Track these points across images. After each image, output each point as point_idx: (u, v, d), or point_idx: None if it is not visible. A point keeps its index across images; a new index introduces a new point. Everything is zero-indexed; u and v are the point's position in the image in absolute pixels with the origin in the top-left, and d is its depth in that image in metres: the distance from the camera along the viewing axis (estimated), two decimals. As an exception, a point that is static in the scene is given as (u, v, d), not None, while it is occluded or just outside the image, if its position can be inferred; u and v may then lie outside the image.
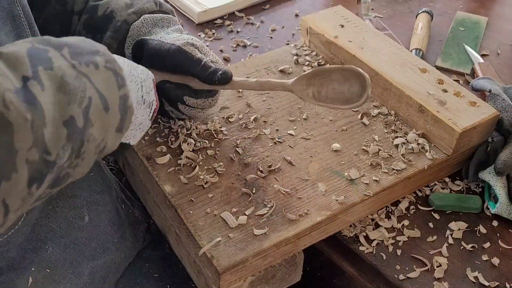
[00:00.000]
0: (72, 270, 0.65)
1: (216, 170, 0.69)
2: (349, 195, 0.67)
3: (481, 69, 0.94)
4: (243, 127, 0.76)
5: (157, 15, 0.72)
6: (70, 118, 0.44)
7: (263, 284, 0.65)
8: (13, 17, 0.55)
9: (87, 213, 0.67)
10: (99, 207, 0.69)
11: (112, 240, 0.70)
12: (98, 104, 0.47)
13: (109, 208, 0.71)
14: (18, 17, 0.56)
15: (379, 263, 0.66)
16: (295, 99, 0.81)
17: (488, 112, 0.73)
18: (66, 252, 0.65)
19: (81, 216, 0.66)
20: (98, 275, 0.69)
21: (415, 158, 0.72)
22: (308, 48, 0.92)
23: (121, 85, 0.50)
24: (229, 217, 0.63)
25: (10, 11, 0.55)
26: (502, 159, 0.70)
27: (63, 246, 0.64)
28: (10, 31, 0.55)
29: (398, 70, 0.80)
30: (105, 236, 0.69)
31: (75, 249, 0.66)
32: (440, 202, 0.72)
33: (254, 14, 1.12)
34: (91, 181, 0.68)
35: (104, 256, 0.69)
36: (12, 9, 0.55)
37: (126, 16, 0.70)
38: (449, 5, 1.17)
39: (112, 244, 0.70)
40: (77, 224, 0.66)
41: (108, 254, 0.70)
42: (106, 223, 0.70)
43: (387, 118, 0.78)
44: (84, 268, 0.66)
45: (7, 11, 0.55)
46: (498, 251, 0.68)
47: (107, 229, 0.70)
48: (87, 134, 0.47)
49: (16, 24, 0.56)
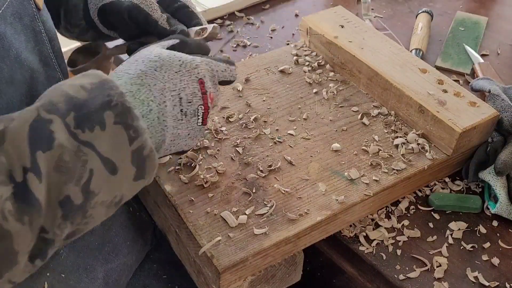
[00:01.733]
0: (86, 274, 0.65)
1: (216, 170, 0.69)
2: (349, 195, 0.67)
3: (481, 69, 0.94)
4: (243, 127, 0.76)
5: None
6: (65, 197, 0.44)
7: (263, 283, 0.65)
8: (35, 34, 0.56)
9: None
10: None
11: (124, 243, 0.71)
12: (102, 172, 0.46)
13: (120, 211, 0.71)
14: (40, 33, 0.57)
15: (379, 263, 0.66)
16: (295, 99, 0.81)
17: (488, 112, 0.73)
18: (80, 257, 0.65)
19: None
20: (112, 278, 0.69)
21: (415, 158, 0.72)
22: (308, 48, 0.92)
23: (134, 137, 0.48)
24: (229, 217, 0.63)
25: (33, 29, 0.56)
26: (502, 159, 0.70)
27: (76, 251, 0.65)
28: (33, 47, 0.56)
29: (398, 70, 0.80)
30: (118, 239, 0.70)
31: (88, 253, 0.66)
32: (440, 202, 0.72)
33: (254, 14, 1.12)
34: None
35: (117, 260, 0.69)
36: (34, 26, 0.56)
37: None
38: (449, 5, 1.17)
39: (125, 247, 0.71)
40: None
41: (121, 257, 0.70)
42: (118, 227, 0.70)
43: (387, 118, 0.78)
44: (98, 272, 0.67)
45: (30, 29, 0.55)
46: (498, 251, 0.68)
47: (119, 232, 0.70)
48: (88, 206, 0.46)
49: (37, 40, 0.56)
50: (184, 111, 0.55)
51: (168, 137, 0.54)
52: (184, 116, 0.55)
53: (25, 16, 0.55)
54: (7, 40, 0.51)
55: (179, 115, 0.55)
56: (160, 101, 0.52)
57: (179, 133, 0.55)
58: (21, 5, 0.55)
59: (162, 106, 0.52)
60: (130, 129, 0.47)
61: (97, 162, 0.45)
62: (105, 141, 0.46)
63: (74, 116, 0.45)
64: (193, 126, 0.56)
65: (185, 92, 0.54)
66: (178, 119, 0.54)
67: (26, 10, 0.55)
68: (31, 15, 0.56)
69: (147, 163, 0.50)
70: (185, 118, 0.55)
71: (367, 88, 0.82)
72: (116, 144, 0.47)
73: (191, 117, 0.56)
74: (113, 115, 0.46)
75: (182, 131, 0.56)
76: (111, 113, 0.46)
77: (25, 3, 0.55)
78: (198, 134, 0.58)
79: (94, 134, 0.45)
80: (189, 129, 0.56)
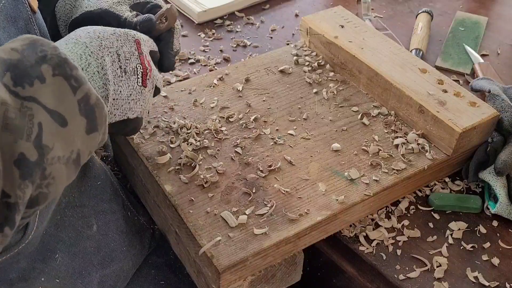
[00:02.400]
0: (81, 279, 0.65)
1: (216, 170, 0.69)
2: (349, 195, 0.67)
3: (481, 69, 0.94)
4: (243, 127, 0.76)
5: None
6: (20, 155, 0.42)
7: (263, 283, 0.65)
8: None
9: (95, 222, 0.67)
10: (107, 215, 0.69)
11: (120, 248, 0.70)
12: (51, 125, 0.45)
13: (117, 216, 0.70)
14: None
15: (379, 263, 0.66)
16: (295, 99, 0.81)
17: (488, 112, 0.73)
18: (75, 262, 0.64)
19: (90, 225, 0.66)
20: (108, 284, 0.68)
21: (415, 158, 0.72)
22: (308, 48, 0.92)
23: (77, 87, 0.47)
24: (229, 217, 0.63)
25: (28, 32, 0.55)
26: (502, 159, 0.70)
27: (72, 256, 0.64)
28: None
29: (398, 70, 0.80)
30: (114, 244, 0.69)
31: (84, 258, 0.65)
32: (440, 202, 0.72)
33: (254, 14, 1.12)
34: (98, 190, 0.68)
35: (113, 265, 0.69)
36: (29, 29, 0.56)
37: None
38: (449, 5, 1.17)
39: (121, 252, 0.70)
40: (86, 233, 0.65)
41: (116, 263, 0.69)
42: (114, 232, 0.69)
43: (387, 118, 0.78)
44: (93, 277, 0.66)
45: (25, 32, 0.55)
46: (498, 251, 0.68)
47: (115, 237, 0.69)
48: (46, 161, 0.45)
49: None
50: (123, 68, 0.55)
51: (111, 94, 0.54)
52: (124, 74, 0.55)
53: (19, 19, 0.54)
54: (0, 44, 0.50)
55: (119, 71, 0.55)
56: (98, 56, 0.52)
57: (121, 91, 0.55)
58: (15, 9, 0.54)
59: (100, 60, 0.53)
60: (70, 79, 0.47)
61: (44, 115, 0.44)
62: (47, 94, 0.45)
63: (11, 75, 0.44)
64: (133, 85, 0.57)
65: (123, 50, 0.55)
66: (118, 75, 0.55)
67: (20, 13, 0.55)
68: (25, 18, 0.55)
69: (96, 112, 0.49)
70: (125, 76, 0.55)
71: (367, 88, 0.82)
72: (59, 95, 0.46)
73: (130, 75, 0.56)
74: (50, 68, 0.46)
75: (123, 90, 0.56)
76: (47, 66, 0.45)
77: (20, 7, 0.55)
78: (140, 97, 0.58)
79: (34, 88, 0.44)
80: (130, 89, 0.56)
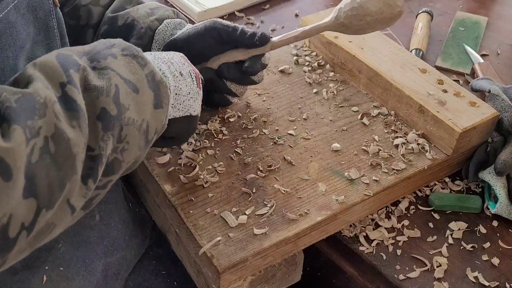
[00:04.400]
0: (85, 267, 0.66)
1: (216, 170, 0.69)
2: (349, 195, 0.67)
3: (481, 69, 0.94)
4: (243, 127, 0.76)
5: (176, 20, 0.76)
6: (102, 110, 0.48)
7: (263, 283, 0.65)
8: (47, 28, 0.58)
9: (98, 212, 0.68)
10: (109, 205, 0.70)
11: (123, 237, 0.71)
12: (126, 89, 0.51)
13: (119, 206, 0.72)
14: (52, 28, 0.58)
15: (379, 263, 0.66)
16: (295, 99, 0.81)
17: (488, 112, 0.73)
18: (78, 251, 0.66)
19: (92, 215, 0.67)
20: (111, 271, 0.70)
21: (415, 158, 0.72)
22: (308, 48, 0.92)
23: (143, 64, 0.54)
24: (229, 217, 0.63)
25: (46, 23, 0.58)
26: (502, 159, 0.70)
27: (75, 245, 0.65)
28: (42, 40, 0.58)
29: (398, 70, 0.80)
30: (116, 233, 0.70)
31: (87, 247, 0.67)
32: (440, 202, 0.72)
33: (254, 14, 1.12)
34: None
35: (116, 253, 0.70)
36: (48, 21, 0.58)
37: (150, 23, 0.74)
38: (449, 5, 1.17)
39: (123, 241, 0.71)
40: (89, 223, 0.67)
41: (119, 251, 0.71)
42: (117, 221, 0.71)
43: (387, 118, 0.78)
44: (97, 266, 0.67)
45: (44, 22, 0.57)
46: (498, 251, 0.68)
47: (117, 227, 0.71)
48: (123, 119, 0.50)
49: (49, 35, 0.58)
50: (178, 70, 0.61)
51: (172, 89, 0.59)
52: (181, 75, 0.61)
53: (40, 10, 0.57)
54: (16, 29, 0.53)
55: (176, 73, 0.60)
56: (154, 63, 0.58)
57: (181, 88, 0.60)
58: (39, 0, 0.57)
59: (157, 63, 0.59)
60: (137, 58, 0.54)
61: (119, 80, 0.50)
62: (120, 67, 0.52)
63: (88, 57, 0.51)
64: (191, 85, 0.62)
65: (175, 60, 0.61)
66: (175, 76, 0.60)
67: (42, 4, 0.57)
68: (47, 10, 0.57)
69: (161, 89, 0.55)
70: (182, 77, 0.61)
71: (367, 88, 0.82)
72: (130, 69, 0.53)
73: (186, 77, 0.62)
74: (119, 49, 0.53)
75: (183, 87, 0.61)
76: (117, 49, 0.53)
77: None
78: (198, 97, 0.63)
79: (108, 61, 0.51)
80: (188, 87, 0.61)
